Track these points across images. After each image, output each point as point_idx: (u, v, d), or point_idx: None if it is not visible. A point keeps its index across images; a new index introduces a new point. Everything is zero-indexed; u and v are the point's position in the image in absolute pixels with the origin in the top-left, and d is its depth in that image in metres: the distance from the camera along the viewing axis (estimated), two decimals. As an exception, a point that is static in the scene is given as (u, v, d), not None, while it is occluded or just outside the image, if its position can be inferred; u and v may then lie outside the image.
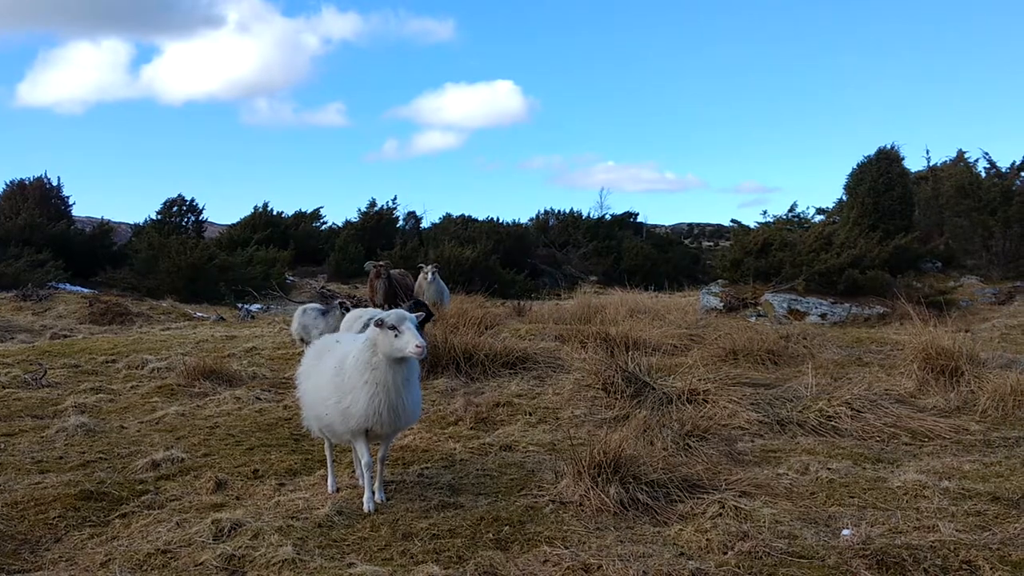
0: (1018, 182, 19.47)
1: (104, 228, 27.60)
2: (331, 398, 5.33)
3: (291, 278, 26.25)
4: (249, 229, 31.87)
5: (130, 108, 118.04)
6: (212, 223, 38.06)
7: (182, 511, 5.41)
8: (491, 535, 4.91)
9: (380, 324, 5.16)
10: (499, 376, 9.72)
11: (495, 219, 35.73)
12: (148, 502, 5.63)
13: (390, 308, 14.07)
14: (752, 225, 21.63)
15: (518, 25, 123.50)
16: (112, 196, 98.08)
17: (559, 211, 39.50)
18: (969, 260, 20.26)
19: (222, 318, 17.45)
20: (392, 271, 14.64)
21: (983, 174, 20.22)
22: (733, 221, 22.74)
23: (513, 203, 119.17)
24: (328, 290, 23.39)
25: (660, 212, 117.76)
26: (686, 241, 47.05)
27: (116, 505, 5.57)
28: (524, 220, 39.14)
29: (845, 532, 4.83)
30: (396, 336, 5.09)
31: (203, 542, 4.77)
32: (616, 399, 8.26)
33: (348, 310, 10.67)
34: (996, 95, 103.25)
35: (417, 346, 5.06)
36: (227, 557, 4.54)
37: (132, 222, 33.22)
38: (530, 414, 8.12)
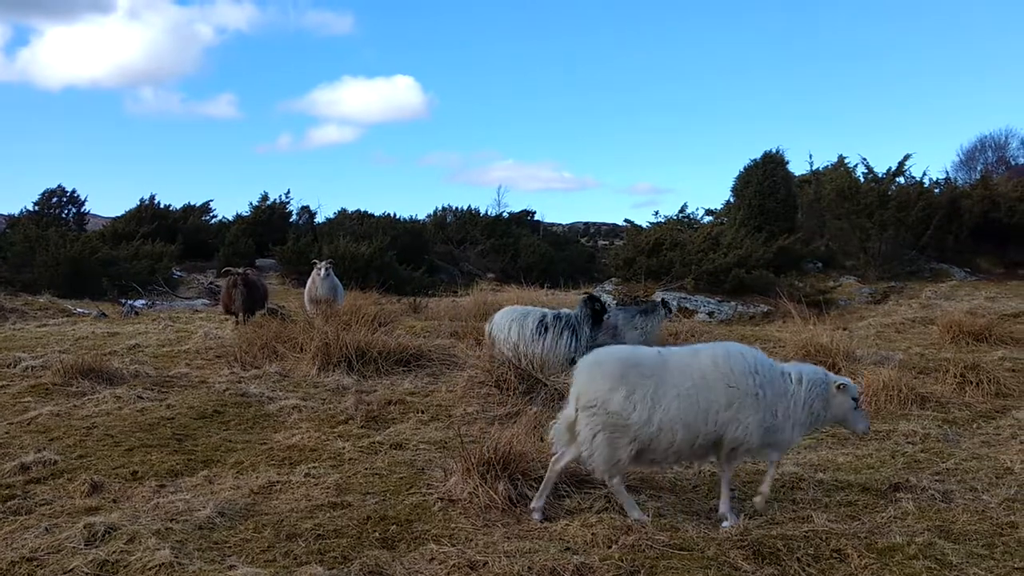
0: (893, 187, 20.48)
1: (-25, 219, 26.14)
2: (756, 417, 5.03)
3: (179, 273, 25.43)
4: (135, 222, 30.76)
5: (2, 92, 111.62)
6: (95, 215, 36.61)
7: (52, 516, 5.15)
8: (378, 534, 4.86)
9: (842, 388, 5.22)
10: (392, 374, 9.65)
11: (392, 215, 35.52)
12: (15, 507, 5.33)
13: (248, 314, 13.49)
14: (645, 225, 22.17)
15: (418, 21, 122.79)
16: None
17: (457, 208, 39.46)
18: (848, 261, 21.23)
19: (104, 314, 16.73)
20: (247, 271, 14.13)
21: (862, 179, 21.18)
22: (626, 221, 23.26)
23: (411, 200, 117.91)
24: (217, 285, 22.75)
25: (557, 211, 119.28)
26: (582, 240, 47.60)
27: (-20, 511, 5.27)
28: (422, 216, 39.08)
29: (724, 524, 4.99)
30: (854, 408, 5.27)
31: (74, 548, 4.55)
32: (509, 396, 8.30)
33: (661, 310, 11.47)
34: (875, 103, 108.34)
35: (867, 432, 5.63)
36: (99, 563, 4.34)
37: (7, 213, 31.50)
38: (422, 412, 8.08)
